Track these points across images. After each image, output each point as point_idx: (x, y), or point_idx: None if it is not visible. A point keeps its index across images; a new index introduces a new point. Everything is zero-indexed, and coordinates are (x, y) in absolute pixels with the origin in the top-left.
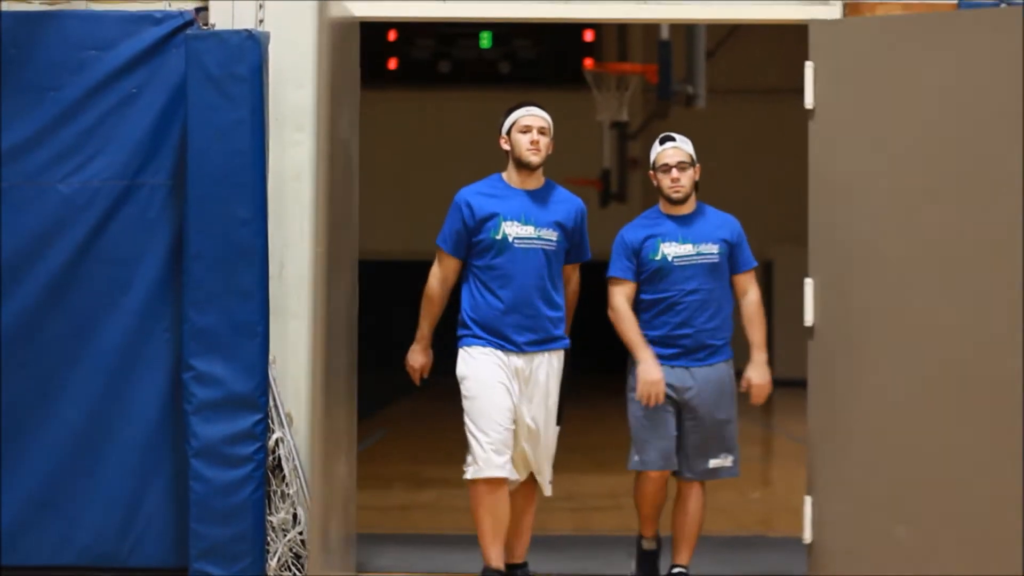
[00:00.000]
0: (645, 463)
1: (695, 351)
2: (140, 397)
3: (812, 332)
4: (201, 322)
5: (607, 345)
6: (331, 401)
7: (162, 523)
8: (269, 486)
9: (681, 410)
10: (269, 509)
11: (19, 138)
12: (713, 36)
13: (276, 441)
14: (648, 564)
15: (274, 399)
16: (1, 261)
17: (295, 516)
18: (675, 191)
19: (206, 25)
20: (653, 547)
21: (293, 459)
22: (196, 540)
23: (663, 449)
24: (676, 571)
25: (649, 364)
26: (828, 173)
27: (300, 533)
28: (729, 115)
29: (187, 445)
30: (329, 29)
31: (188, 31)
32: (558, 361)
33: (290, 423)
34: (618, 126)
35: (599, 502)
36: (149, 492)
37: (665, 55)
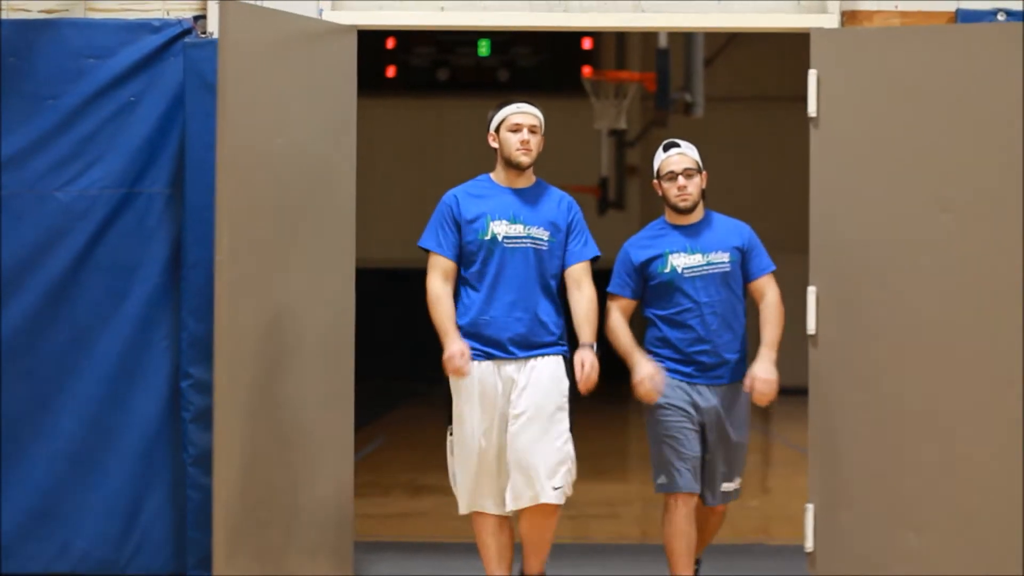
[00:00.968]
0: (673, 484)
1: (713, 368)
2: (139, 405)
3: (815, 340)
4: (199, 330)
5: (604, 352)
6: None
7: (161, 530)
8: None
9: (704, 430)
10: None
11: (18, 146)
12: (711, 44)
13: None
14: None
15: None
16: (1, 270)
17: None
18: (682, 200)
19: (204, 33)
20: None
21: None
22: (194, 548)
23: (690, 468)
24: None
25: (642, 363)
26: (830, 181)
27: None
28: (727, 123)
29: (185, 453)
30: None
31: (186, 39)
32: (557, 367)
33: None
34: (616, 134)
35: (597, 510)
36: (148, 500)
37: (663, 63)
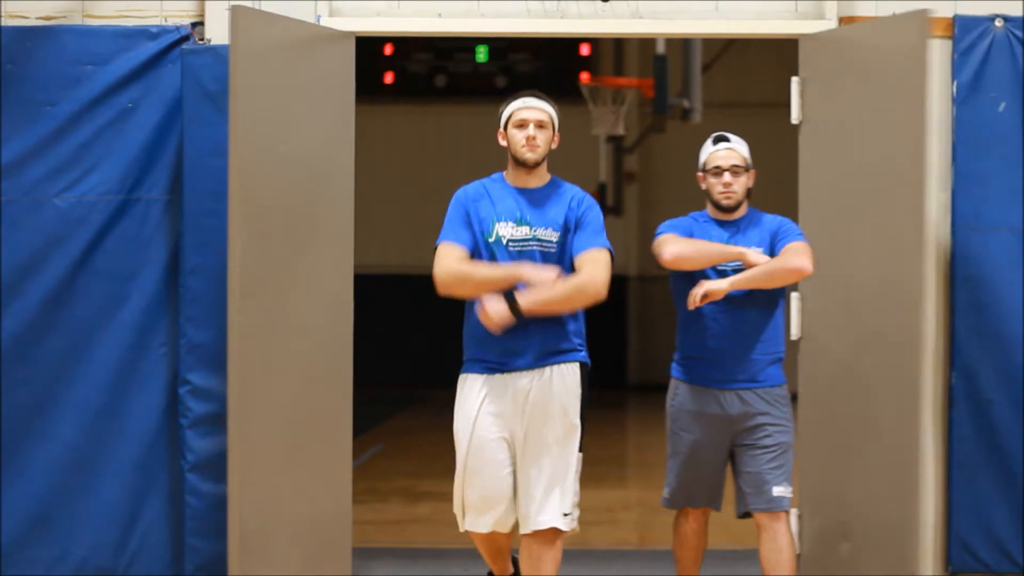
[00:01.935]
0: (675, 499)
1: (743, 369)
2: (136, 412)
3: (800, 345)
4: (197, 337)
5: (602, 359)
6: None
7: (158, 537)
8: None
9: (734, 439)
10: None
11: (15, 153)
12: (709, 50)
13: None
14: None
15: None
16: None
17: None
18: (726, 197)
19: (202, 40)
20: None
21: None
22: (192, 554)
23: (710, 486)
24: None
25: (735, 249)
26: (817, 185)
27: None
28: (725, 129)
29: (183, 459)
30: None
31: (184, 46)
32: (571, 377)
33: None
34: (614, 140)
35: (595, 516)
36: (146, 506)
37: (661, 69)
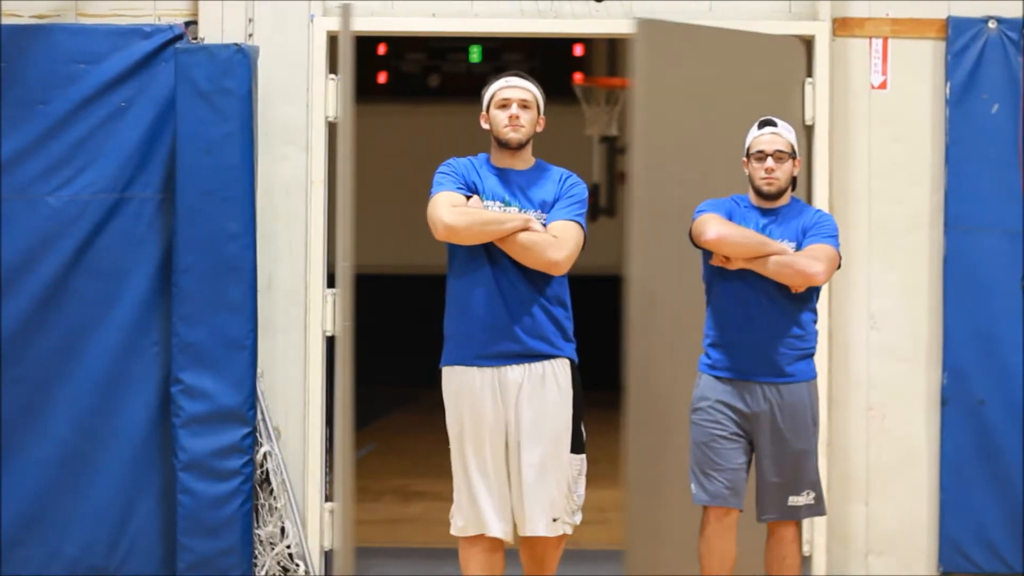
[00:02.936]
0: (708, 495)
1: (768, 363)
2: (129, 411)
3: None
4: (190, 336)
5: (595, 358)
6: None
7: (150, 536)
8: (257, 499)
9: (752, 438)
10: (257, 522)
11: (9, 151)
12: None
13: (264, 454)
14: None
15: (262, 412)
16: None
17: (283, 529)
18: (768, 183)
19: (195, 39)
20: None
21: (281, 472)
22: (184, 553)
23: (728, 480)
24: None
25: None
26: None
27: (288, 546)
28: None
29: (175, 459)
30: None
31: (177, 45)
32: (563, 374)
33: (278, 436)
34: (607, 140)
35: (588, 515)
36: (138, 505)
37: None
